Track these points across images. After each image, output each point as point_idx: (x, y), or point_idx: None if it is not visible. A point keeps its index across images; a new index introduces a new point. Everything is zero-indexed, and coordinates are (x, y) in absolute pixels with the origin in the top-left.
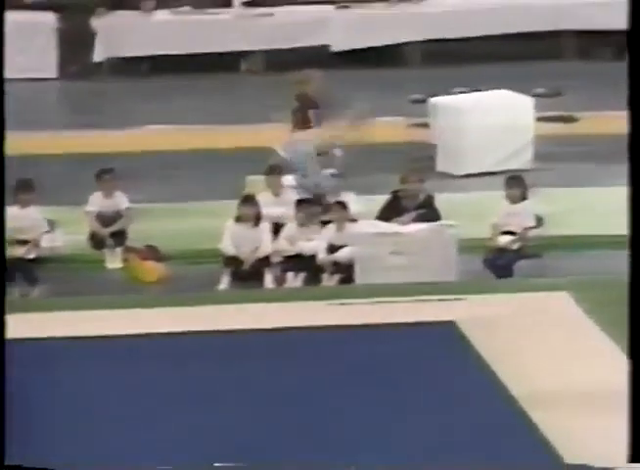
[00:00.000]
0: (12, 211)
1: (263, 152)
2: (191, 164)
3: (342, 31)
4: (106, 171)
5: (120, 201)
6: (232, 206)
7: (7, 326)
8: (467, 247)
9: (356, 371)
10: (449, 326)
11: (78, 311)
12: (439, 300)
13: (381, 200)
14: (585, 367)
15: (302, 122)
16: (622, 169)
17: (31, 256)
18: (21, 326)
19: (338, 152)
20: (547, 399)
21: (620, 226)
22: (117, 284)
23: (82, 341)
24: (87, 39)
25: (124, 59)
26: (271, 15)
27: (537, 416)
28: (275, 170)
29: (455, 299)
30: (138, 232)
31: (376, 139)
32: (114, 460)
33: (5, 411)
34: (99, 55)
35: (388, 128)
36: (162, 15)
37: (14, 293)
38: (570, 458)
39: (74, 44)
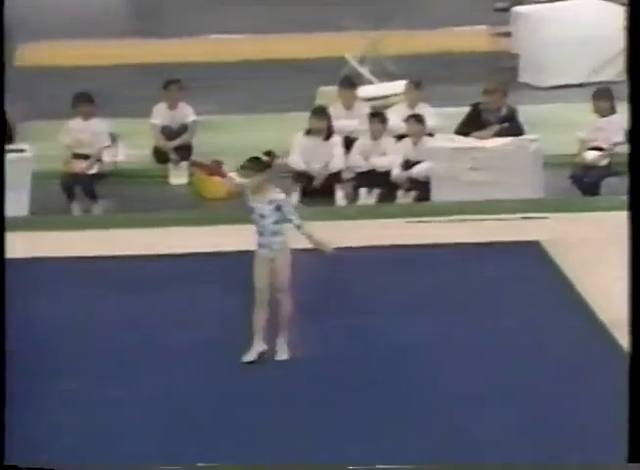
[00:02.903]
0: (73, 124)
1: (336, 61)
2: (259, 74)
3: None
4: (172, 82)
5: (186, 113)
6: (302, 118)
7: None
8: (552, 163)
9: (435, 292)
10: (533, 246)
11: (141, 229)
12: (523, 218)
13: (460, 113)
14: None
15: None
16: None
17: (93, 170)
18: (82, 244)
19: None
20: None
21: None
22: (182, 200)
23: (146, 259)
24: None
25: None
26: None
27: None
28: (348, 82)
29: (540, 217)
30: (204, 146)
31: (456, 48)
32: None
33: (5, 411)
34: None
35: (470, 37)
36: None
37: (75, 209)
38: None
39: None
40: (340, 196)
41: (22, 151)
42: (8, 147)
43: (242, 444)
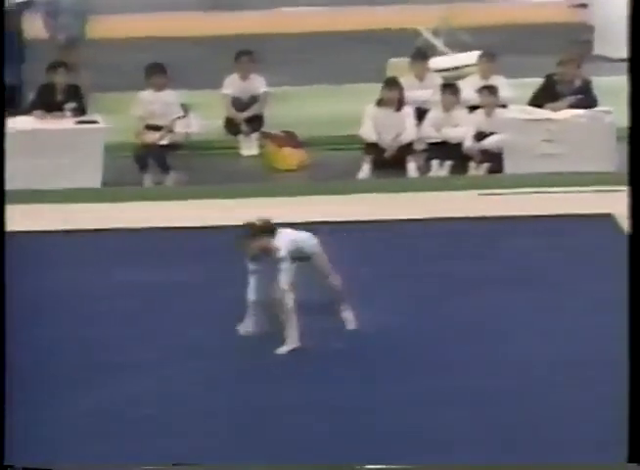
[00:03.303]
0: (145, 95)
1: (408, 33)
2: (331, 46)
3: None
4: (244, 53)
5: (257, 84)
6: (374, 89)
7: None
8: (625, 135)
9: (507, 266)
10: (606, 219)
11: (213, 200)
12: (596, 191)
13: (534, 84)
14: None
15: None
16: None
17: (165, 142)
18: (155, 215)
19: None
20: None
21: None
22: (253, 172)
23: (218, 230)
24: None
25: None
26: None
27: None
28: (421, 53)
29: (613, 190)
30: (275, 117)
31: (532, 19)
32: None
33: (5, 411)
34: None
35: (546, 8)
36: None
37: (147, 180)
38: None
39: None
40: (411, 168)
41: (94, 122)
42: (81, 119)
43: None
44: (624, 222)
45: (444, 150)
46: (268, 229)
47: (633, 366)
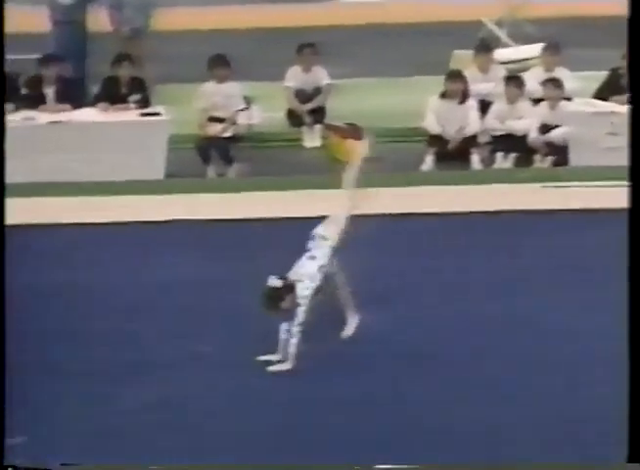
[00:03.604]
0: (208, 87)
1: (471, 25)
2: (394, 37)
3: None
4: (307, 45)
5: (320, 76)
6: (437, 81)
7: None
8: None
9: (573, 258)
10: None
11: (275, 192)
12: None
13: (598, 77)
14: None
15: None
16: None
17: (228, 133)
18: (217, 207)
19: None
20: None
21: None
22: (316, 163)
23: (280, 222)
24: None
25: None
26: None
27: None
28: (485, 45)
29: None
30: (338, 109)
31: (596, 11)
32: None
33: (5, 411)
34: None
35: (610, 0)
36: None
37: (210, 172)
38: None
39: None
40: (475, 160)
41: (158, 114)
42: (144, 111)
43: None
44: None
45: (509, 142)
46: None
47: (633, 366)
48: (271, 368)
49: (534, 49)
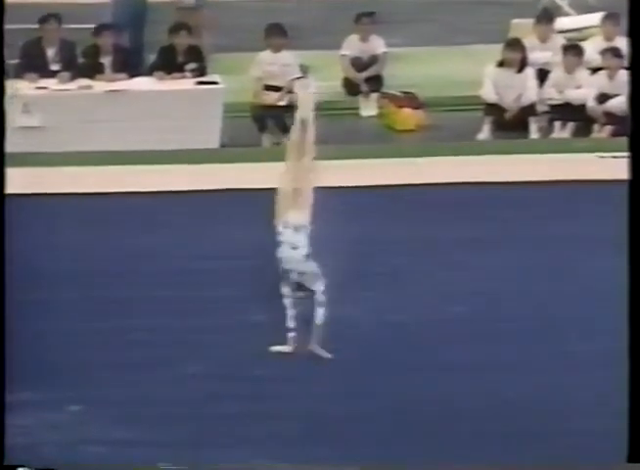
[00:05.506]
0: (263, 56)
1: None
2: (453, 6)
3: None
4: (365, 14)
5: (377, 44)
6: (495, 50)
7: None
8: None
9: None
10: None
11: (330, 161)
12: None
13: None
14: None
15: None
16: None
17: (283, 102)
18: (273, 176)
19: None
20: None
21: None
22: (372, 132)
23: (333, 191)
24: None
25: None
26: None
27: None
28: (547, 14)
29: None
30: (395, 77)
31: None
32: None
33: (5, 411)
34: None
35: None
36: None
37: (265, 141)
38: None
39: None
40: (533, 129)
41: (214, 83)
42: (200, 79)
43: None
44: None
45: (567, 111)
46: None
47: (633, 366)
48: (273, 348)
49: (594, 18)
